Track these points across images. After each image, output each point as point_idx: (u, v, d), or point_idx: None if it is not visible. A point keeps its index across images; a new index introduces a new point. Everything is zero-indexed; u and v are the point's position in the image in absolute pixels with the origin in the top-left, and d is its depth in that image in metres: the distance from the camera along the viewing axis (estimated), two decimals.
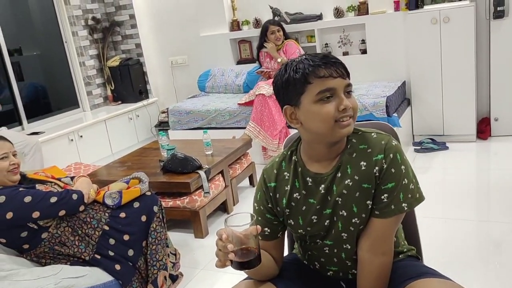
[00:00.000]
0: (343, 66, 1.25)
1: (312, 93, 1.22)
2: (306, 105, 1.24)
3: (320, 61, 1.22)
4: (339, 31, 4.72)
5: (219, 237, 1.11)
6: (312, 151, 1.32)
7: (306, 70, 1.22)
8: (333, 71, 1.21)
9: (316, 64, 1.22)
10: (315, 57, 1.24)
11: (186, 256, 2.87)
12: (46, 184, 2.31)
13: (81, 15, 5.40)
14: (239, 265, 1.12)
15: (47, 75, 5.39)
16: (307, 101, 1.23)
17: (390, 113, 3.84)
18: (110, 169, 3.51)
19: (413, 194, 1.26)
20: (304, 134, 1.32)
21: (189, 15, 5.42)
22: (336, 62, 1.24)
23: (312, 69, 1.21)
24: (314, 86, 1.21)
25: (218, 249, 1.12)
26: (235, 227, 1.10)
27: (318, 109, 1.22)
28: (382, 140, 1.27)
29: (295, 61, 1.26)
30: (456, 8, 3.97)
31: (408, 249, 1.46)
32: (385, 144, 1.26)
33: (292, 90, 1.25)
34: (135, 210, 2.37)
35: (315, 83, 1.21)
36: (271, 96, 4.12)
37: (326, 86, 1.21)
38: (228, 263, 1.12)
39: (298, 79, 1.23)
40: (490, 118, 4.24)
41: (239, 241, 1.10)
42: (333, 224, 1.32)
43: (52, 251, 2.19)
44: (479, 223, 2.88)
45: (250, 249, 1.11)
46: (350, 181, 1.27)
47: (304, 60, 1.24)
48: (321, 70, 1.21)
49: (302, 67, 1.23)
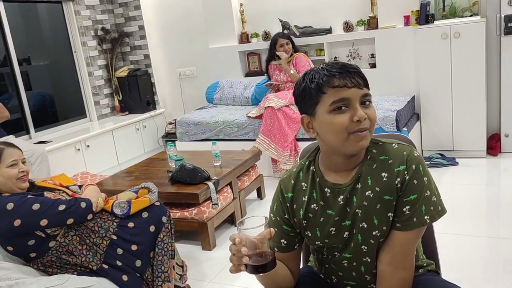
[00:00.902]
0: (361, 76, 1.22)
1: (326, 103, 1.20)
2: (320, 115, 1.22)
3: (336, 71, 1.20)
4: (349, 45, 4.72)
5: (232, 242, 1.08)
6: (330, 161, 1.30)
7: (320, 80, 1.20)
8: (348, 81, 1.19)
9: (331, 74, 1.20)
10: (332, 67, 1.22)
11: (194, 269, 2.82)
12: (55, 192, 2.29)
13: (91, 25, 5.44)
14: (254, 269, 1.09)
15: (55, 84, 5.40)
16: (321, 111, 1.21)
17: (400, 127, 3.81)
18: (117, 179, 3.49)
19: (435, 207, 1.22)
20: (321, 144, 1.30)
21: (198, 27, 5.44)
22: (353, 71, 1.21)
23: (326, 78, 1.20)
24: (328, 96, 1.19)
25: (232, 254, 1.09)
26: (249, 230, 1.08)
27: (331, 119, 1.20)
28: (404, 151, 1.24)
29: (313, 70, 1.25)
30: (467, 23, 3.96)
31: (428, 263, 1.42)
32: (407, 155, 1.23)
33: (308, 100, 1.23)
34: (144, 220, 2.34)
35: (329, 93, 1.19)
36: (280, 108, 4.11)
37: (340, 96, 1.19)
38: (242, 268, 1.10)
39: (313, 89, 1.21)
40: (500, 134, 4.21)
41: (253, 245, 1.08)
42: (352, 236, 1.29)
43: (59, 260, 2.15)
44: (489, 239, 2.83)
45: (264, 252, 1.09)
46: (371, 193, 1.24)
47: (320, 69, 1.23)
48: (335, 80, 1.19)
49: (317, 77, 1.21)
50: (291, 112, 4.10)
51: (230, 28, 5.14)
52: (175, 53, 5.77)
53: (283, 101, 4.13)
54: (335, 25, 4.75)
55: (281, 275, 1.32)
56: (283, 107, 4.11)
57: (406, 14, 4.30)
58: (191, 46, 5.62)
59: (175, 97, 5.92)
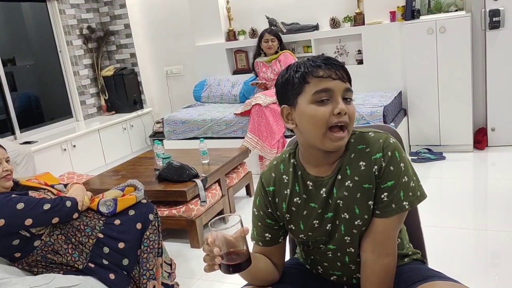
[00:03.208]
0: (344, 70, 1.23)
1: (308, 93, 1.20)
2: (301, 106, 1.22)
3: (321, 62, 1.21)
4: (336, 41, 4.72)
5: (206, 241, 1.09)
6: (310, 155, 1.29)
7: (305, 70, 1.21)
8: (333, 73, 1.19)
9: (316, 65, 1.21)
10: (317, 58, 1.23)
11: (182, 266, 2.80)
12: (39, 191, 2.26)
13: (76, 24, 5.38)
14: (226, 268, 1.10)
15: (40, 84, 5.34)
16: (303, 101, 1.21)
17: (387, 122, 3.82)
18: (104, 178, 3.45)
19: (414, 192, 1.22)
20: (300, 137, 1.30)
21: (185, 24, 5.42)
22: (337, 64, 1.22)
23: (311, 68, 1.20)
24: (312, 86, 1.20)
25: (206, 254, 1.10)
26: (222, 230, 1.08)
27: (313, 110, 1.19)
28: (380, 139, 1.24)
29: (298, 62, 1.25)
30: (452, 18, 3.98)
31: (414, 252, 1.42)
32: (383, 142, 1.23)
33: (291, 90, 1.23)
34: (130, 217, 2.32)
35: (312, 82, 1.19)
36: (268, 106, 4.10)
37: (323, 86, 1.19)
38: (216, 267, 1.10)
39: (297, 78, 1.22)
40: (487, 128, 4.24)
41: (228, 244, 1.08)
42: (335, 228, 1.29)
43: (45, 259, 2.12)
44: (476, 232, 2.85)
45: (238, 251, 1.08)
46: (351, 182, 1.24)
47: (306, 61, 1.24)
48: (320, 70, 1.20)
49: (302, 68, 1.22)
50: (279, 109, 4.08)
51: (216, 25, 5.12)
52: (161, 51, 5.73)
53: (271, 98, 4.12)
54: (322, 22, 4.76)
55: (263, 270, 1.32)
56: (271, 104, 4.10)
57: (392, 10, 4.32)
58: (177, 44, 5.59)
59: (162, 96, 5.88)
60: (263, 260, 1.34)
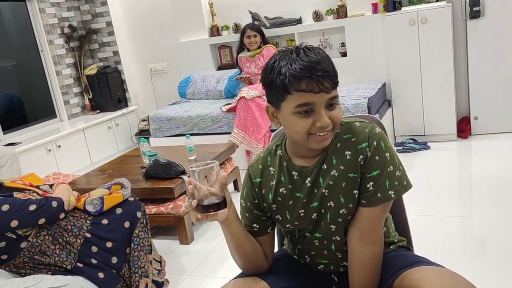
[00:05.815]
0: (330, 78, 1.16)
1: (291, 104, 1.18)
2: (284, 112, 1.21)
3: (304, 74, 1.14)
4: (319, 34, 4.73)
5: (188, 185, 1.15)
6: (296, 148, 1.31)
7: (287, 80, 1.15)
8: (315, 86, 1.14)
9: (298, 76, 1.14)
10: (302, 66, 1.14)
11: (172, 263, 2.80)
12: (24, 192, 2.23)
13: (57, 23, 5.31)
14: (203, 208, 1.17)
15: (23, 85, 5.27)
16: (286, 108, 1.20)
17: (372, 113, 3.85)
18: (90, 178, 3.43)
19: (399, 181, 1.24)
20: (286, 133, 1.31)
21: (168, 21, 5.38)
22: (322, 75, 1.14)
23: (293, 80, 1.14)
24: (294, 98, 1.17)
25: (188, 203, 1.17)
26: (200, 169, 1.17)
27: (294, 121, 1.19)
28: (365, 128, 1.25)
29: (283, 60, 1.18)
30: (433, 9, 4.02)
31: (399, 239, 1.44)
32: (369, 132, 1.24)
33: (274, 94, 1.22)
34: (118, 216, 2.30)
35: (294, 95, 1.16)
36: (253, 99, 4.10)
37: (305, 100, 1.16)
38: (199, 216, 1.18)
39: (279, 86, 1.18)
40: (470, 117, 4.29)
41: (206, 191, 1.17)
42: (321, 217, 1.30)
43: (32, 260, 2.11)
44: (462, 219, 2.89)
45: (215, 193, 1.18)
46: (336, 172, 1.26)
47: (290, 64, 1.16)
48: (302, 84, 1.14)
49: (284, 73, 1.16)
50: (264, 103, 4.09)
51: (200, 21, 5.09)
52: (145, 48, 5.69)
53: (254, 92, 4.12)
54: (305, 15, 4.76)
55: (250, 245, 1.32)
56: (256, 98, 4.10)
57: (374, 2, 4.34)
58: (161, 41, 5.55)
59: (147, 93, 5.84)
60: (251, 238, 1.34)
